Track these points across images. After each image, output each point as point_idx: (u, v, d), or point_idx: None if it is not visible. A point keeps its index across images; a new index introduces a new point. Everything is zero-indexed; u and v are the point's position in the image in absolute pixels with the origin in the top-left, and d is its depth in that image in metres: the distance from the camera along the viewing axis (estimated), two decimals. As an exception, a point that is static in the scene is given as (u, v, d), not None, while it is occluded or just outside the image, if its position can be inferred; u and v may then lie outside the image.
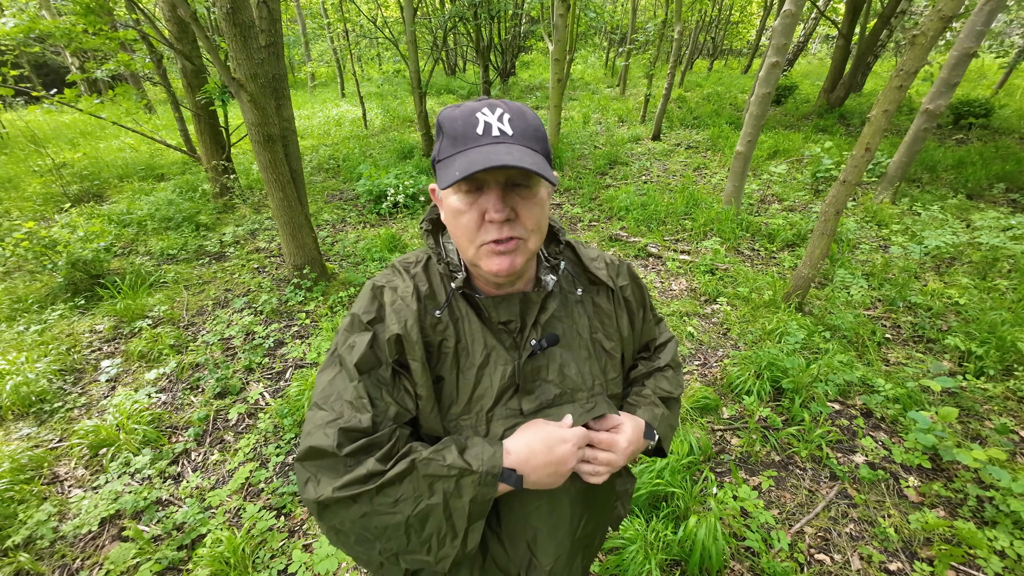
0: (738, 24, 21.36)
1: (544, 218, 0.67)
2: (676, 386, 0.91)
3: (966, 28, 4.17)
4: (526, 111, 0.65)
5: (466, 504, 0.64)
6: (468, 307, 0.73)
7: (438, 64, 12.03)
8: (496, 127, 0.61)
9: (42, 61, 13.69)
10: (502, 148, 0.59)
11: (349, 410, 0.66)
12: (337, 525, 0.65)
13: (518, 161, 0.57)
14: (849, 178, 2.74)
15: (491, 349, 0.72)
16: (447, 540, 0.65)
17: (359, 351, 0.68)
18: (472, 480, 0.64)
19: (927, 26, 2.34)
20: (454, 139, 0.62)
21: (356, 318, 0.72)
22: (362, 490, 0.62)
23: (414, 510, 0.63)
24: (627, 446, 0.75)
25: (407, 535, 0.64)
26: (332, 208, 5.47)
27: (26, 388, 2.59)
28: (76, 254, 3.59)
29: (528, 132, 0.63)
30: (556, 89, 4.53)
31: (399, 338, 0.69)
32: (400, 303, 0.72)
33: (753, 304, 3.28)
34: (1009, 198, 5.00)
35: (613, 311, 0.84)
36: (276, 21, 3.14)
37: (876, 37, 8.81)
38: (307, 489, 0.64)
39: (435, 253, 0.75)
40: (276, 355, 3.01)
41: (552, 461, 0.68)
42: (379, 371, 0.69)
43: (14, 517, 1.97)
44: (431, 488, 0.63)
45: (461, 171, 0.57)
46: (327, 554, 1.80)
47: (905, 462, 2.12)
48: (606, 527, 0.99)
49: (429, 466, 0.64)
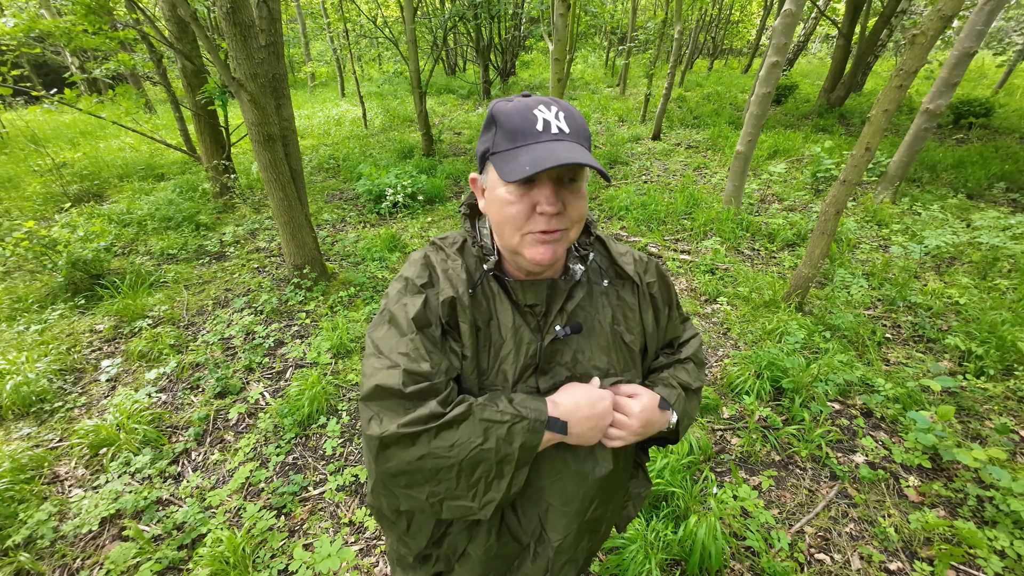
0: (738, 24, 21.34)
1: (585, 210, 0.71)
2: (695, 379, 0.91)
3: (966, 28, 4.17)
4: (575, 111, 0.68)
5: (516, 449, 0.68)
6: (499, 288, 0.78)
7: (438, 64, 12.03)
8: (555, 125, 0.64)
9: (42, 61, 13.69)
10: (563, 146, 0.62)
11: (407, 360, 0.70)
12: (393, 467, 0.68)
13: (583, 159, 0.60)
14: (849, 178, 2.74)
15: (518, 328, 0.77)
16: (494, 484, 0.69)
17: (414, 309, 0.73)
18: (523, 426, 0.69)
19: (927, 25, 2.34)
20: (512, 133, 0.64)
21: (410, 282, 0.76)
22: (423, 429, 0.66)
23: (468, 454, 0.67)
24: (640, 411, 0.78)
25: (458, 478, 0.68)
26: (332, 208, 5.47)
27: (26, 388, 2.59)
28: (76, 254, 3.59)
29: (581, 131, 0.67)
30: (556, 89, 4.52)
31: (452, 300, 0.74)
32: (452, 271, 0.77)
33: (753, 304, 3.28)
34: (1009, 198, 5.00)
35: (637, 305, 0.86)
36: (276, 21, 3.14)
37: (876, 37, 8.81)
38: (371, 426, 0.68)
39: (471, 236, 0.80)
40: (276, 355, 3.01)
41: (595, 415, 0.74)
42: (431, 330, 0.74)
43: (14, 517, 1.97)
44: (485, 433, 0.68)
45: (532, 166, 0.59)
46: (328, 554, 1.80)
47: (905, 462, 2.12)
48: (615, 518, 1.00)
49: (484, 411, 0.69)
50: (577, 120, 0.67)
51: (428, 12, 11.17)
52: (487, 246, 0.79)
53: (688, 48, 12.83)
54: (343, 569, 1.79)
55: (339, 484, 2.14)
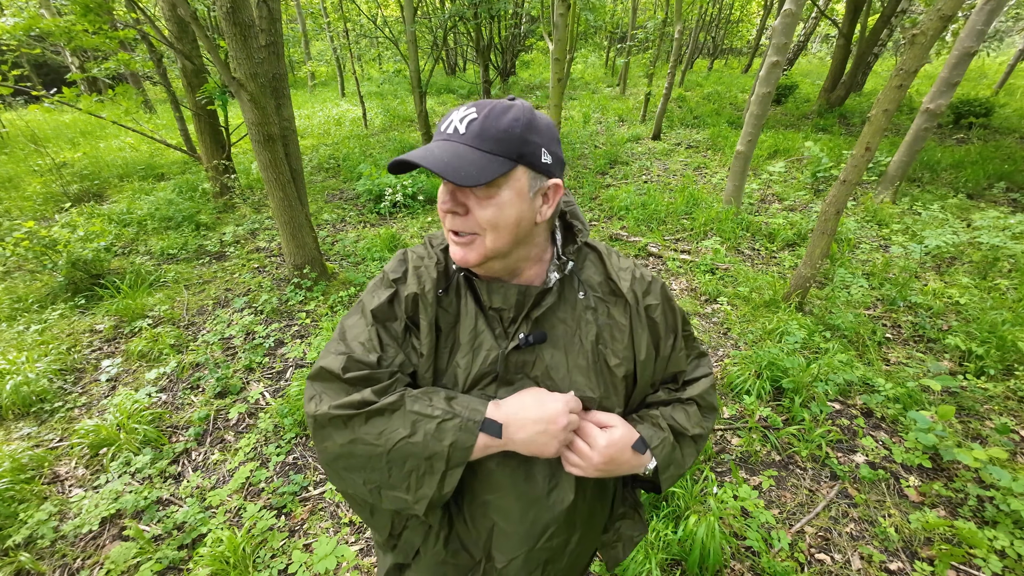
0: (738, 23, 21.35)
1: (503, 218, 0.65)
2: (695, 424, 0.82)
3: (966, 28, 4.17)
4: (506, 112, 0.64)
5: (445, 448, 0.66)
6: (468, 290, 0.77)
7: (438, 64, 12.03)
8: (455, 124, 0.64)
9: (42, 60, 13.69)
10: (436, 147, 0.63)
11: (360, 348, 0.72)
12: (329, 447, 0.70)
13: (423, 160, 0.60)
14: (849, 177, 2.74)
15: (478, 333, 0.75)
16: (425, 480, 0.67)
17: (378, 302, 0.75)
18: (454, 424, 0.67)
19: (927, 25, 2.34)
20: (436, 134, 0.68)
21: (385, 275, 0.79)
22: (353, 413, 0.67)
23: (395, 444, 0.66)
24: (606, 445, 0.72)
25: (388, 469, 0.67)
26: (332, 208, 5.47)
27: (26, 388, 2.59)
28: (76, 254, 3.59)
29: (488, 133, 0.62)
30: (556, 88, 4.52)
31: (415, 297, 0.75)
32: (423, 269, 0.77)
33: (753, 304, 3.28)
34: (1009, 197, 5.00)
35: (628, 327, 0.78)
36: (276, 20, 3.14)
37: (876, 36, 8.81)
38: (310, 404, 0.71)
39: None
40: (276, 355, 3.01)
41: (543, 418, 0.69)
42: (393, 324, 0.75)
43: (15, 517, 1.97)
44: (414, 426, 0.67)
45: (397, 158, 0.62)
46: (326, 553, 1.80)
47: (905, 462, 2.12)
48: (585, 554, 0.93)
49: (415, 403, 0.68)
50: (491, 122, 0.63)
51: (428, 12, 11.16)
52: None
53: (688, 48, 12.83)
54: (343, 569, 1.79)
55: (339, 484, 2.13)
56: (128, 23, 5.06)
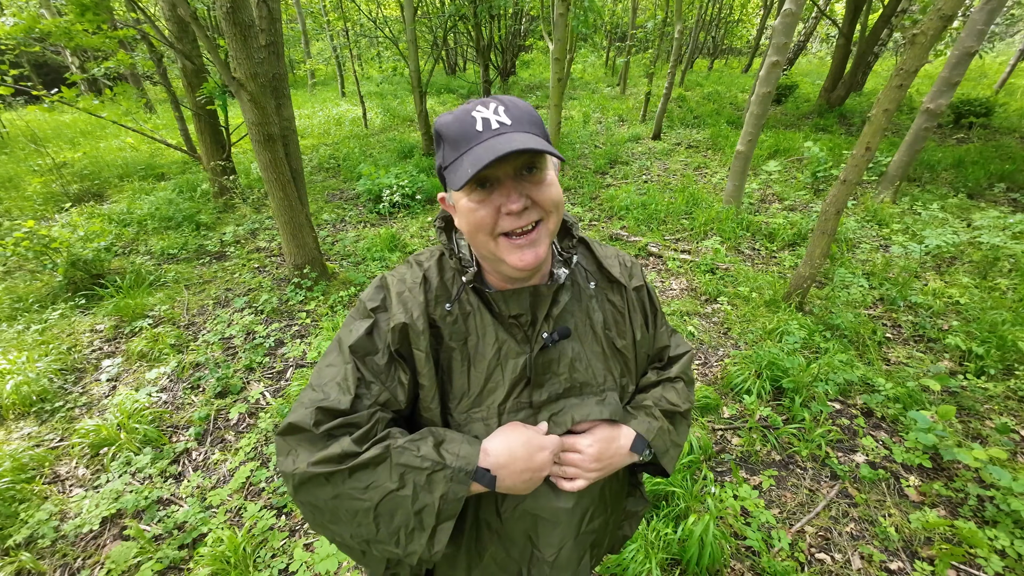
0: (738, 23, 21.34)
1: (559, 197, 0.67)
2: (684, 400, 0.86)
3: (967, 27, 4.17)
4: (518, 100, 0.65)
5: (436, 500, 0.63)
6: (479, 301, 0.74)
7: (438, 63, 12.02)
8: (494, 120, 0.61)
9: (42, 60, 13.69)
10: (503, 139, 0.59)
11: (335, 391, 0.67)
12: (312, 501, 0.65)
13: (524, 144, 0.57)
14: (849, 177, 2.74)
15: (502, 343, 0.73)
16: (415, 535, 0.64)
17: (356, 335, 0.70)
18: (444, 475, 0.64)
19: (927, 25, 2.34)
20: (455, 142, 0.62)
21: (362, 304, 0.74)
22: (335, 469, 0.62)
23: (383, 498, 0.63)
24: (594, 452, 0.74)
25: (376, 524, 0.64)
26: (332, 207, 5.47)
27: (27, 387, 2.59)
28: (76, 254, 3.59)
29: (524, 118, 0.63)
30: (556, 88, 4.52)
31: (404, 327, 0.70)
32: (408, 294, 0.73)
33: (753, 303, 3.28)
34: (1009, 197, 5.00)
35: (626, 310, 0.83)
36: (276, 20, 3.14)
37: (876, 36, 8.80)
38: (285, 462, 0.66)
39: (447, 249, 0.76)
40: (277, 354, 3.01)
41: (531, 468, 0.69)
42: (374, 358, 0.70)
43: (15, 516, 1.97)
44: (402, 479, 0.63)
45: (473, 166, 0.57)
46: (328, 554, 1.80)
47: (906, 461, 2.12)
48: (615, 531, 0.96)
49: (403, 455, 0.64)
50: (520, 108, 0.64)
51: (428, 11, 11.16)
52: (466, 257, 0.76)
53: (688, 48, 12.83)
54: (342, 570, 1.79)
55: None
56: (128, 23, 5.06)
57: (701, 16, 16.04)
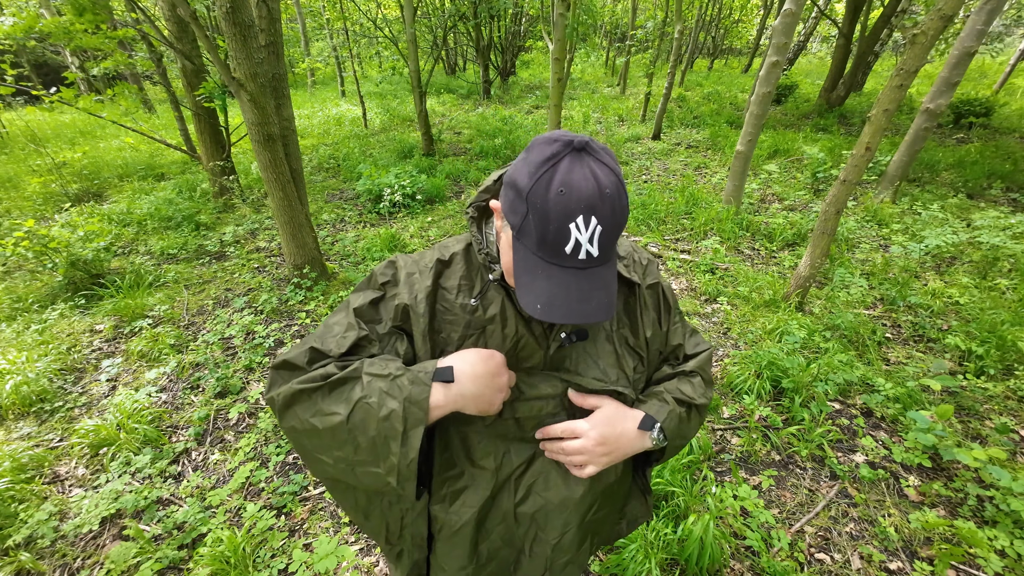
0: (738, 23, 21.34)
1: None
2: (700, 395, 0.85)
3: (967, 27, 4.17)
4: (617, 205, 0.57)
5: (401, 402, 0.64)
6: (504, 296, 0.76)
7: (438, 63, 12.02)
8: (584, 249, 0.57)
9: (42, 60, 13.68)
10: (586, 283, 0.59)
11: (334, 343, 0.72)
12: (295, 425, 0.68)
13: (596, 319, 0.58)
14: (849, 177, 2.74)
15: (521, 337, 0.76)
16: (389, 444, 0.64)
17: (361, 302, 0.76)
18: (407, 378, 0.66)
19: (927, 25, 2.34)
20: (542, 238, 0.57)
21: (373, 276, 0.79)
22: (317, 386, 0.66)
23: (353, 407, 0.65)
24: (597, 435, 0.74)
25: (353, 439, 0.65)
26: (332, 207, 5.47)
27: (27, 387, 2.59)
28: (76, 253, 3.59)
29: (614, 239, 0.59)
30: (556, 88, 4.52)
31: (406, 308, 0.75)
32: (416, 276, 0.77)
33: (753, 303, 3.28)
34: (1009, 197, 5.00)
35: (638, 308, 0.83)
36: (276, 20, 3.14)
37: (876, 36, 8.80)
38: (272, 389, 0.71)
39: (476, 241, 0.76)
40: (276, 354, 3.00)
41: (489, 371, 0.69)
42: (375, 326, 0.75)
43: (15, 516, 1.97)
44: (369, 386, 0.65)
45: (543, 308, 0.58)
46: (327, 553, 1.80)
47: (905, 461, 2.12)
48: (614, 524, 0.99)
49: (372, 366, 0.67)
50: (616, 223, 0.58)
51: (428, 11, 11.16)
52: (492, 254, 0.76)
53: (688, 48, 12.83)
54: (343, 569, 1.79)
55: (339, 484, 2.14)
56: (128, 23, 5.06)
57: (701, 16, 16.04)
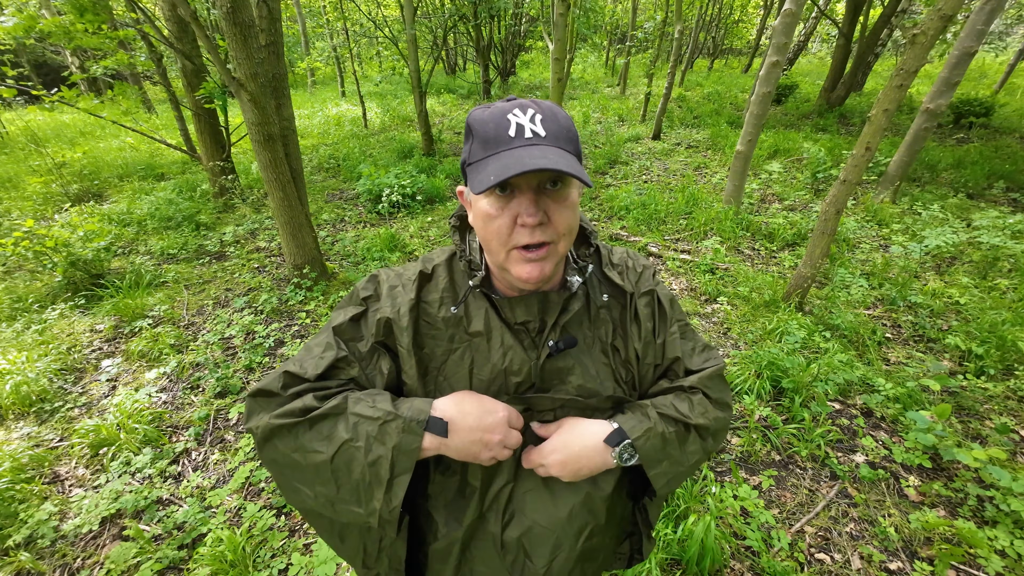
0: (738, 23, 21.34)
1: (575, 220, 0.66)
2: (699, 414, 0.75)
3: (967, 27, 4.17)
4: (558, 111, 0.63)
5: (389, 451, 0.63)
6: (488, 305, 0.74)
7: (438, 63, 12.02)
8: (528, 128, 0.60)
9: (42, 60, 13.69)
10: (536, 151, 0.58)
11: (311, 365, 0.70)
12: (275, 457, 0.67)
13: (553, 164, 0.56)
14: (849, 177, 2.74)
15: (508, 348, 0.73)
16: (373, 490, 0.63)
17: (341, 319, 0.73)
18: (397, 425, 0.64)
19: (927, 25, 2.34)
20: (485, 142, 0.61)
21: (355, 292, 0.78)
22: (296, 421, 0.64)
23: (338, 449, 0.63)
24: (559, 459, 0.71)
25: (335, 478, 0.64)
26: (332, 207, 5.47)
27: (27, 387, 2.59)
28: (76, 253, 3.59)
29: (560, 133, 0.62)
30: (556, 88, 4.52)
31: (388, 322, 0.72)
32: (399, 289, 0.75)
33: (753, 303, 3.28)
34: (1009, 197, 5.00)
35: (627, 318, 0.79)
36: (276, 20, 3.14)
37: (877, 36, 8.80)
38: (250, 420, 0.68)
39: (459, 250, 0.76)
40: (276, 355, 3.01)
41: (481, 427, 0.67)
42: (356, 344, 0.73)
43: (15, 516, 1.97)
44: (355, 429, 0.63)
45: (496, 175, 0.56)
46: (326, 558, 1.80)
47: (905, 461, 2.12)
48: (612, 553, 0.91)
49: (358, 405, 0.65)
50: (558, 122, 0.62)
51: (428, 12, 11.16)
52: (475, 261, 0.75)
53: (688, 48, 12.83)
54: (343, 569, 1.79)
55: (339, 484, 2.14)
56: (128, 23, 5.06)
57: (701, 16, 16.05)
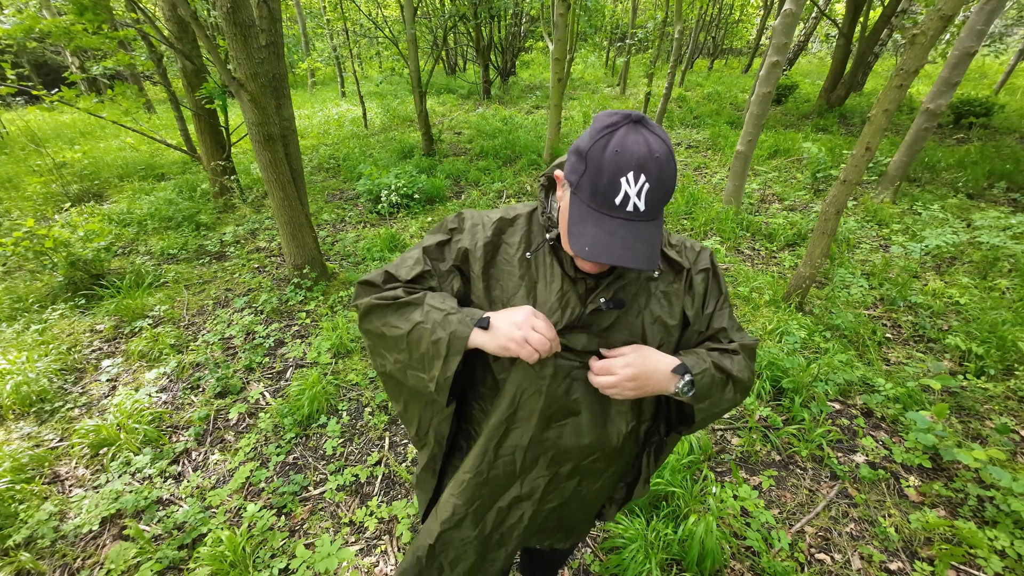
0: (738, 23, 21.34)
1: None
2: (739, 369, 0.86)
3: (966, 28, 4.17)
4: (667, 174, 0.65)
5: (448, 334, 0.79)
6: (555, 260, 0.86)
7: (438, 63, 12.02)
8: (633, 200, 0.65)
9: (42, 60, 13.69)
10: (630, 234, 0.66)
11: (404, 270, 0.89)
12: (371, 328, 0.88)
13: (633, 263, 0.65)
14: (849, 177, 2.74)
15: (565, 293, 0.84)
16: (434, 362, 0.81)
17: (431, 241, 0.91)
18: (456, 318, 0.80)
19: (927, 25, 2.34)
20: (594, 193, 0.66)
21: (444, 223, 0.93)
22: (389, 302, 0.85)
23: (413, 327, 0.82)
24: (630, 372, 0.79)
25: (409, 348, 0.83)
26: (332, 208, 5.47)
27: (27, 387, 2.59)
28: (76, 253, 3.59)
29: (660, 199, 0.66)
30: (556, 88, 4.52)
31: (466, 252, 0.88)
32: (479, 227, 0.90)
33: (753, 303, 3.28)
34: (1009, 197, 4.99)
35: (681, 291, 0.89)
36: (276, 20, 3.14)
37: (877, 36, 8.80)
38: (357, 300, 0.91)
39: (542, 206, 0.88)
40: (276, 355, 3.01)
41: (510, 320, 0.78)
42: (438, 263, 0.90)
43: (15, 516, 1.97)
44: (427, 315, 0.82)
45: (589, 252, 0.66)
46: (327, 553, 1.80)
47: (905, 462, 2.12)
48: (601, 495, 1.03)
49: (433, 299, 0.83)
50: (664, 186, 0.65)
51: (428, 12, 11.15)
52: (553, 219, 0.85)
53: (688, 48, 12.82)
54: (343, 569, 1.79)
55: (339, 484, 2.14)
56: (128, 23, 5.06)
57: (701, 16, 16.04)
